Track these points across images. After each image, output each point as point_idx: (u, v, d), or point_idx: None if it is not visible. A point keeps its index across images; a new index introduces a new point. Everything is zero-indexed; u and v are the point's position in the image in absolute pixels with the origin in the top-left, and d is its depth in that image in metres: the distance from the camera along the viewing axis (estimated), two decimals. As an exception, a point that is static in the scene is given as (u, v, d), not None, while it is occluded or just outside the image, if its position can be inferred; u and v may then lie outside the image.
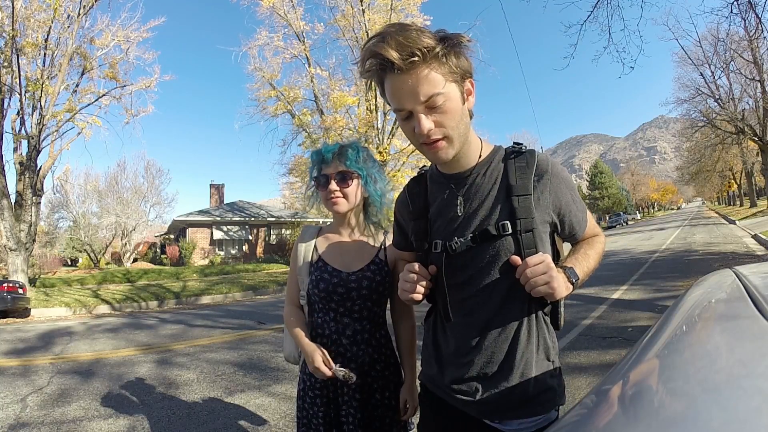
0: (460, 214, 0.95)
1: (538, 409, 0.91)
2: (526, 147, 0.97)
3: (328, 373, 1.17)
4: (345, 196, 1.27)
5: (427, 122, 0.83)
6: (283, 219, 26.00)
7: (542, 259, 0.83)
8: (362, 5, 16.87)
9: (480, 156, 0.96)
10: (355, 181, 1.27)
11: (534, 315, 0.93)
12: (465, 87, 0.87)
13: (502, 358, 0.92)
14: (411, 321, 1.38)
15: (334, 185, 1.25)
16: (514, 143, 0.98)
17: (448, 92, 0.82)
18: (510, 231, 0.89)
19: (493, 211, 0.91)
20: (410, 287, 0.95)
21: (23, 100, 12.17)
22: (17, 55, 11.88)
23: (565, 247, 1.07)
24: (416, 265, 0.97)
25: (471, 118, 0.93)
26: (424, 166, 1.10)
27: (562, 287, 0.85)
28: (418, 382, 1.13)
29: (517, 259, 0.87)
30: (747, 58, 21.88)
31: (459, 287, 0.95)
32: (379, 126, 17.50)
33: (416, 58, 0.78)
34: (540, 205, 0.91)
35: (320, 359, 1.18)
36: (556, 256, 1.02)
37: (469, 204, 0.95)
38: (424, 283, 0.96)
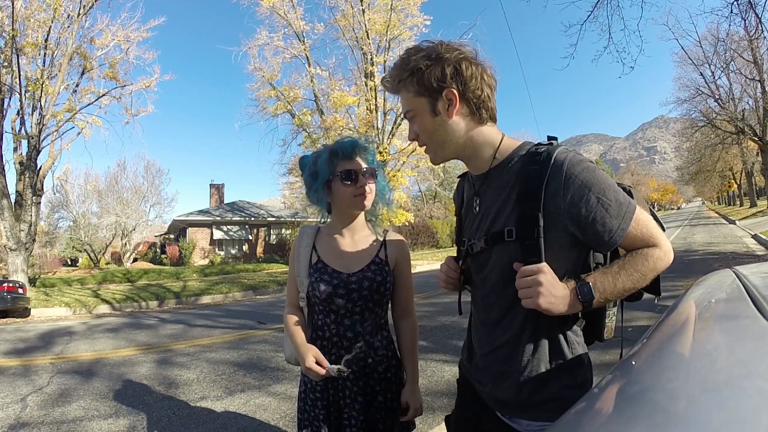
0: (476, 214, 1.00)
1: (546, 416, 0.88)
2: (551, 145, 0.89)
3: (322, 372, 1.15)
4: (372, 192, 1.27)
5: (411, 131, 0.99)
6: (283, 219, 25.99)
7: (534, 270, 0.80)
8: (362, 5, 16.86)
9: (496, 157, 0.95)
10: (375, 178, 1.29)
11: (547, 324, 0.89)
12: (444, 98, 0.92)
13: (509, 359, 0.93)
14: (412, 321, 1.37)
15: (363, 180, 1.24)
16: (549, 137, 0.94)
17: (416, 108, 0.95)
18: (515, 237, 0.88)
19: (503, 215, 0.91)
20: (441, 276, 1.08)
21: (23, 100, 12.15)
22: (17, 55, 11.86)
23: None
24: (449, 258, 1.08)
25: (489, 119, 0.95)
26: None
27: (556, 305, 0.80)
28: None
29: (518, 266, 0.86)
30: (747, 58, 21.87)
31: (478, 285, 1.01)
32: (379, 126, 17.49)
33: (388, 86, 0.98)
34: (551, 211, 0.84)
35: (312, 359, 1.16)
36: (588, 268, 0.92)
37: (484, 206, 0.98)
38: (452, 275, 1.05)
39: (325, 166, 1.24)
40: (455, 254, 1.12)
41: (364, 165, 1.25)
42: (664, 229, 0.93)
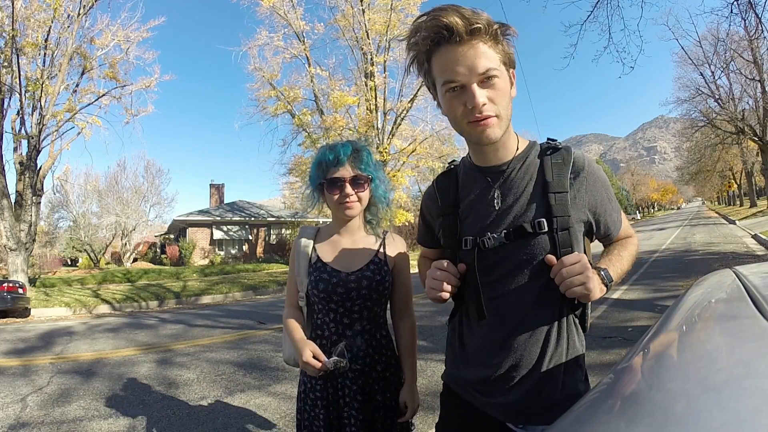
0: (496, 208, 0.92)
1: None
2: (561, 143, 0.94)
3: (318, 365, 1.14)
4: (359, 200, 1.25)
5: (482, 95, 0.81)
6: (283, 219, 25.98)
7: (579, 258, 0.81)
8: (362, 5, 16.87)
9: (517, 149, 0.94)
10: (367, 185, 1.27)
11: (565, 317, 0.90)
12: (511, 76, 0.89)
13: (530, 361, 0.89)
14: (411, 321, 1.37)
15: (350, 189, 1.22)
16: (549, 139, 0.96)
17: (501, 72, 0.83)
18: (546, 229, 0.86)
19: (529, 207, 0.89)
20: (438, 285, 0.92)
21: (23, 100, 12.16)
22: (17, 55, 11.86)
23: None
24: (445, 263, 0.93)
25: None
26: (453, 160, 1.07)
27: (597, 289, 0.82)
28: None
29: (552, 258, 0.84)
30: (747, 58, 21.86)
31: (490, 285, 0.92)
32: (379, 126, 17.49)
33: (479, 26, 0.79)
34: (576, 203, 0.88)
35: (309, 353, 1.15)
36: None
37: (505, 199, 0.92)
38: (452, 281, 0.92)
39: (315, 171, 1.27)
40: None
41: (352, 173, 1.23)
42: None
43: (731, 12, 7.97)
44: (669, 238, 16.67)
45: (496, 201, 0.92)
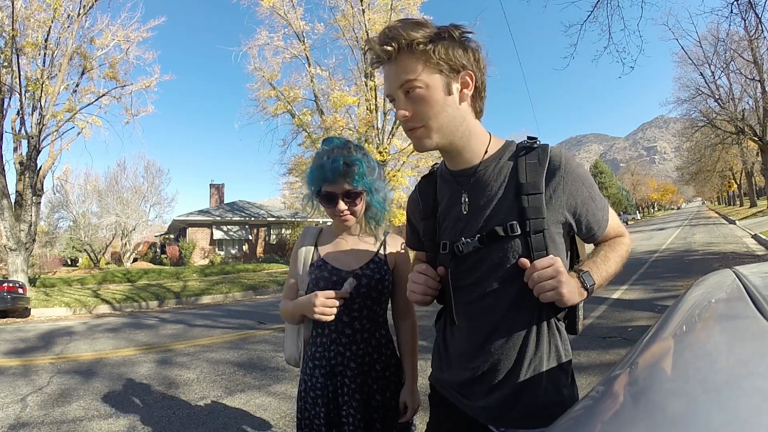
0: (465, 213, 0.92)
1: (547, 421, 0.83)
2: (539, 142, 0.92)
3: (333, 294, 1.14)
4: (353, 213, 1.25)
5: (402, 107, 0.86)
6: (283, 219, 25.99)
7: (551, 262, 0.79)
8: (362, 5, 16.87)
9: (487, 152, 0.92)
10: (361, 198, 1.25)
11: (545, 321, 0.88)
12: (460, 79, 0.86)
13: (508, 366, 0.88)
14: (412, 321, 1.37)
15: (342, 205, 1.22)
16: (528, 137, 0.94)
17: (426, 81, 0.84)
18: (519, 232, 0.85)
19: (501, 210, 0.87)
20: (418, 288, 0.94)
21: (23, 100, 12.16)
22: (17, 55, 11.86)
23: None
24: (424, 266, 0.95)
25: (480, 113, 0.92)
26: (435, 164, 1.07)
27: (573, 293, 0.80)
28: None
29: (525, 261, 0.83)
30: (747, 58, 21.86)
31: (466, 290, 0.92)
32: (379, 126, 17.49)
33: (390, 48, 0.83)
34: (552, 204, 0.86)
35: (322, 296, 1.13)
36: (576, 259, 0.98)
37: (474, 202, 0.91)
38: (432, 284, 0.94)
39: (312, 183, 1.25)
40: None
41: (344, 188, 1.20)
42: None
43: (731, 12, 7.97)
44: (669, 238, 16.67)
45: (464, 205, 0.92)
